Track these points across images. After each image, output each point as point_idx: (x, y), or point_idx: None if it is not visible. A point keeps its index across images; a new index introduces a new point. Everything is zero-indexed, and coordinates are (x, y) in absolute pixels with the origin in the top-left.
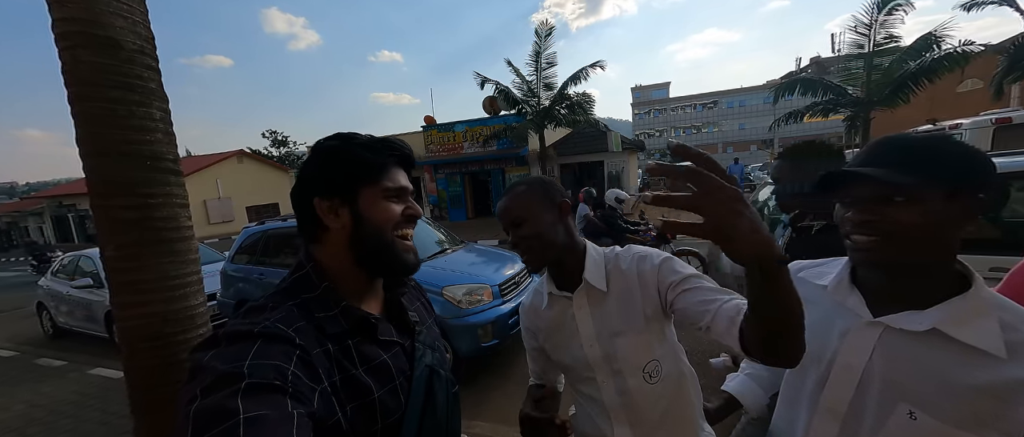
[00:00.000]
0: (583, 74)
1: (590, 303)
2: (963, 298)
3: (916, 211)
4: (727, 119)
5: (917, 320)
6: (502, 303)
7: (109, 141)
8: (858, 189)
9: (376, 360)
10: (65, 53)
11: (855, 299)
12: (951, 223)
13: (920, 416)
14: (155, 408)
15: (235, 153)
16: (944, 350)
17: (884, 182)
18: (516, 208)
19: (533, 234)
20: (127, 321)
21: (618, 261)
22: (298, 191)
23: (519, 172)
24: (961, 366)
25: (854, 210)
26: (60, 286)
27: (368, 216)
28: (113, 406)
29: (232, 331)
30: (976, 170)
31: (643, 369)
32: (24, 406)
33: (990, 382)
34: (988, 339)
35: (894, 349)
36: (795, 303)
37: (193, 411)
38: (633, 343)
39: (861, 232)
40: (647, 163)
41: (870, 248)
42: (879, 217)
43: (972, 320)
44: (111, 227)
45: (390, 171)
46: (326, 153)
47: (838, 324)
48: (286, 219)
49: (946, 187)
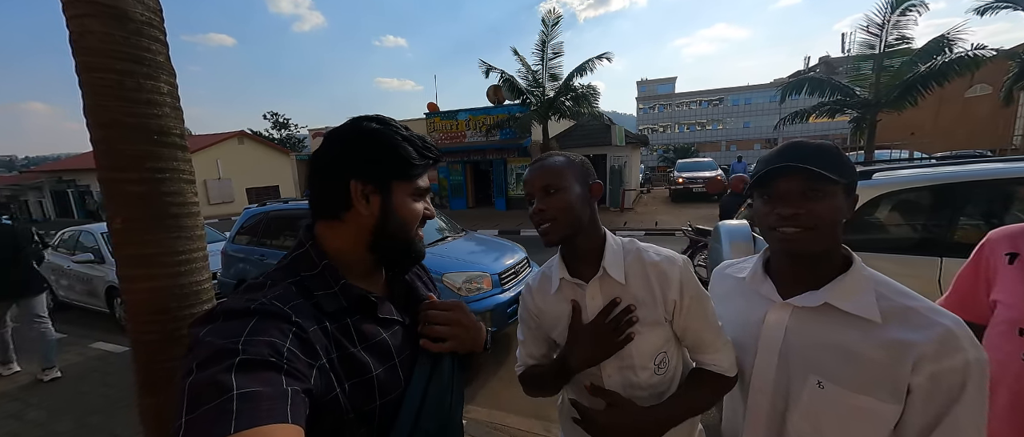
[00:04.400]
0: (589, 65)
1: (604, 293)
2: (846, 276)
3: (832, 205)
4: (732, 116)
5: (814, 298)
6: (501, 292)
7: (117, 113)
8: (786, 184)
9: (375, 339)
10: (73, 22)
11: (768, 286)
12: (845, 215)
13: (826, 385)
14: (160, 381)
15: (236, 134)
16: (837, 322)
17: (818, 175)
18: (550, 175)
19: (562, 205)
20: (134, 294)
21: (640, 255)
22: (332, 166)
23: (521, 163)
24: (850, 334)
25: (782, 205)
26: (61, 260)
27: (397, 211)
28: (112, 379)
29: (229, 307)
30: (857, 174)
31: (654, 361)
32: (27, 378)
33: (873, 344)
34: (867, 308)
35: (801, 325)
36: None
37: (188, 384)
38: (647, 338)
39: (789, 224)
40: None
41: (797, 239)
42: (805, 210)
43: (854, 294)
44: (119, 200)
45: (424, 174)
46: (370, 137)
47: (756, 311)
48: (287, 202)
49: (846, 185)
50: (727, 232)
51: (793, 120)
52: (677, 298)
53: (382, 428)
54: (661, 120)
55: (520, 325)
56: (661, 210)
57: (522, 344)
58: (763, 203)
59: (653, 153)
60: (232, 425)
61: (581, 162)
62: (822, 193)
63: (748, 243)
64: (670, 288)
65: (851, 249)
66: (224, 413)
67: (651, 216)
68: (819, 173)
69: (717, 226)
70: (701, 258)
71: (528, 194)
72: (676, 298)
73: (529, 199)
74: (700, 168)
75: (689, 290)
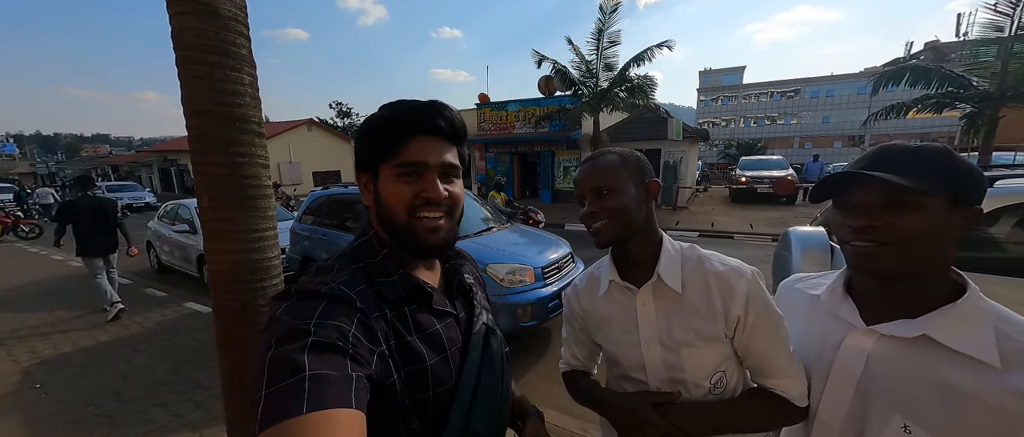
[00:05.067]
0: (647, 54)
1: (657, 301)
2: (955, 306)
3: (921, 219)
4: (809, 110)
5: (909, 327)
6: (543, 286)
7: (207, 102)
8: (862, 195)
9: (429, 329)
10: (174, 19)
11: (848, 308)
12: (950, 233)
13: (914, 429)
14: (236, 341)
15: (305, 121)
16: (939, 359)
17: (897, 186)
18: (603, 175)
19: (618, 207)
20: (216, 265)
21: (702, 263)
22: (355, 162)
23: (570, 156)
24: (958, 375)
25: (857, 216)
26: (163, 229)
27: (382, 196)
28: (200, 335)
29: (302, 288)
30: (975, 183)
31: (709, 380)
32: (137, 327)
33: (983, 392)
34: (981, 348)
35: (889, 357)
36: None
37: (268, 359)
38: (704, 354)
39: (863, 239)
40: None
41: (872, 255)
42: (883, 224)
43: (965, 328)
44: (206, 180)
45: (409, 145)
46: (362, 125)
47: (832, 335)
48: (347, 186)
49: (949, 197)
50: (799, 239)
51: (887, 115)
52: (741, 314)
53: (435, 418)
54: (724, 113)
55: (565, 323)
56: (718, 211)
57: (566, 343)
58: (838, 214)
59: (712, 149)
60: (304, 405)
61: (636, 159)
62: (909, 205)
63: (824, 253)
64: (734, 302)
65: (961, 270)
66: (298, 392)
67: (707, 217)
68: (903, 185)
69: (787, 231)
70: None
71: (578, 195)
72: (740, 313)
73: (580, 200)
74: (768, 167)
75: (756, 306)
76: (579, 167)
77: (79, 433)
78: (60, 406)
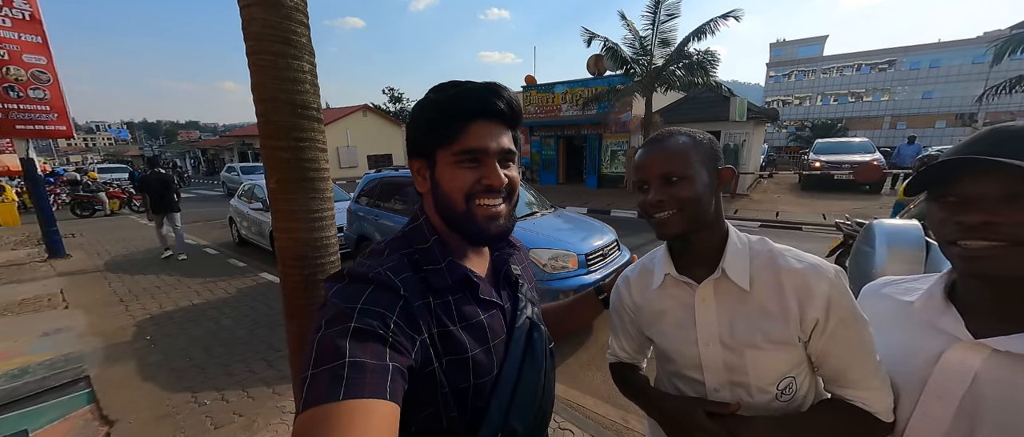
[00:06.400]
0: (710, 27)
1: (719, 298)
2: None
3: None
4: (906, 84)
5: None
6: (586, 273)
7: (273, 90)
8: (975, 185)
9: (474, 319)
10: (243, 11)
11: (950, 318)
12: None
13: None
14: (299, 311)
15: (361, 107)
16: None
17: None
18: (673, 160)
19: (689, 197)
20: (282, 242)
21: (774, 259)
22: (408, 149)
23: (618, 139)
24: None
25: (971, 211)
26: (243, 206)
27: (440, 183)
28: (272, 302)
29: (354, 271)
30: None
31: (777, 385)
32: (222, 292)
33: None
34: None
35: (1003, 375)
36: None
37: (317, 340)
38: (772, 357)
39: (980, 237)
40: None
41: (992, 256)
42: (1007, 220)
43: None
44: (273, 164)
45: (467, 130)
46: (413, 111)
47: (927, 348)
48: (398, 169)
49: None
50: (885, 234)
51: (1011, 89)
52: (820, 317)
53: (475, 411)
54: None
55: (612, 314)
56: (785, 199)
57: (614, 334)
58: (940, 208)
59: (781, 131)
60: (341, 392)
61: (710, 142)
62: None
63: (917, 252)
64: (812, 304)
65: None
66: (337, 378)
67: (771, 206)
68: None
69: (870, 224)
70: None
71: (640, 180)
72: (818, 317)
73: (642, 185)
74: (848, 150)
75: (839, 310)
76: (643, 148)
77: (181, 380)
78: (164, 356)
